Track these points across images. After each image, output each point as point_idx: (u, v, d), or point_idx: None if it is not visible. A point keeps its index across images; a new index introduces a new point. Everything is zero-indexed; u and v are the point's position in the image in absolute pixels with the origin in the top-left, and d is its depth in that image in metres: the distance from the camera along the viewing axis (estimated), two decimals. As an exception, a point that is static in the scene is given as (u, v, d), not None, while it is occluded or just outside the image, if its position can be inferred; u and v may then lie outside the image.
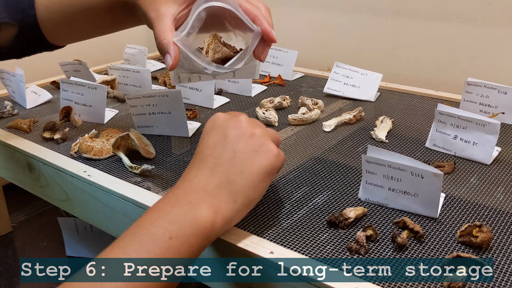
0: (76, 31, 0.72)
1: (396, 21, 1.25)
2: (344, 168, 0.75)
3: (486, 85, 0.91)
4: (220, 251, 0.57)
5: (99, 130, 0.88)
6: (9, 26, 0.67)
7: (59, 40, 0.73)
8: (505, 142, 0.83)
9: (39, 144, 0.85)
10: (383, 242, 0.57)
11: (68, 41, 0.75)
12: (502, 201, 0.65)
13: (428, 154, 0.79)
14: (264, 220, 0.61)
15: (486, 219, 0.61)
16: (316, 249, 0.55)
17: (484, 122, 0.74)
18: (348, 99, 1.07)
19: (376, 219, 0.61)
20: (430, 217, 0.61)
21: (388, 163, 0.60)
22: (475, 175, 0.72)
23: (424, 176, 0.58)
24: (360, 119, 0.94)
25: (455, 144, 0.78)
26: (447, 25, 1.17)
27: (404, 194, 0.61)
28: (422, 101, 1.05)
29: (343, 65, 1.09)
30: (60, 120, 0.93)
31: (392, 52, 1.28)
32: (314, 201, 0.65)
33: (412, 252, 0.55)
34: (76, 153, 0.80)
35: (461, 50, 1.17)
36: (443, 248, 0.55)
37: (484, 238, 0.54)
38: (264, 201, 0.65)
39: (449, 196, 0.66)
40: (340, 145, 0.83)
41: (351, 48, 1.36)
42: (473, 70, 1.16)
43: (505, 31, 1.10)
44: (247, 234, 0.57)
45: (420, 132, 0.88)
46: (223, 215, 0.50)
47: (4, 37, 0.68)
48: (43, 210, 1.37)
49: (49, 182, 0.81)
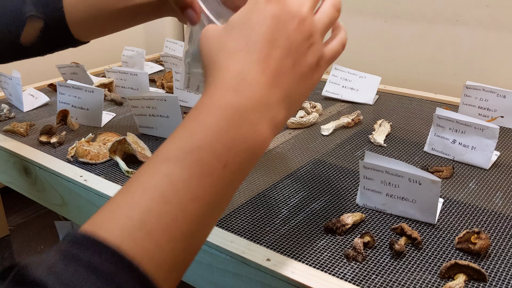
0: (103, 26, 0.70)
1: (395, 23, 1.24)
2: (342, 172, 0.74)
3: (485, 88, 0.91)
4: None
5: (96, 133, 0.88)
6: (35, 20, 0.66)
7: (85, 35, 0.71)
8: (504, 146, 0.83)
9: (36, 148, 0.84)
10: (381, 248, 0.56)
11: (93, 35, 0.73)
12: (501, 206, 0.65)
13: (426, 159, 0.79)
14: (261, 226, 0.60)
15: (484, 224, 0.61)
16: (313, 256, 0.54)
17: (483, 127, 0.74)
18: (346, 102, 1.06)
19: (374, 225, 0.61)
20: (428, 223, 0.61)
21: (386, 169, 0.60)
22: (474, 179, 0.72)
23: (422, 183, 0.58)
24: (359, 123, 0.94)
25: (454, 148, 0.77)
26: (446, 27, 1.16)
27: (402, 200, 0.61)
28: (421, 104, 1.05)
29: (341, 68, 1.09)
30: (57, 124, 0.93)
31: (391, 54, 1.28)
32: (311, 207, 0.65)
33: (410, 259, 0.54)
34: (72, 157, 0.80)
35: (460, 53, 1.16)
36: (441, 255, 0.55)
37: (483, 245, 0.53)
38: (261, 206, 0.65)
39: (447, 201, 0.66)
40: (338, 149, 0.83)
41: (349, 50, 1.35)
42: (472, 73, 1.16)
43: (505, 34, 1.09)
44: (244, 241, 0.57)
45: (419, 135, 0.88)
46: (276, 129, 0.43)
47: (29, 32, 0.67)
48: (41, 213, 1.37)
49: (46, 186, 0.80)
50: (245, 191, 0.69)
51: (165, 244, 0.34)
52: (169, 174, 0.36)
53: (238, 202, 0.66)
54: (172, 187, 0.35)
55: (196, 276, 0.60)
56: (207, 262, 0.58)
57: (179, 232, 0.35)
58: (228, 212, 0.63)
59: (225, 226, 0.60)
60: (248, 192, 0.68)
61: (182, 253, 0.35)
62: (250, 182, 0.71)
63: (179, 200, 0.35)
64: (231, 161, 0.38)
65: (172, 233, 0.34)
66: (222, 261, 0.56)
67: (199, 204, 0.36)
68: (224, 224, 0.61)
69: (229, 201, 0.40)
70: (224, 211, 0.39)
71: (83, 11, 0.67)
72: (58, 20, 0.67)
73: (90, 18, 0.68)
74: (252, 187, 0.70)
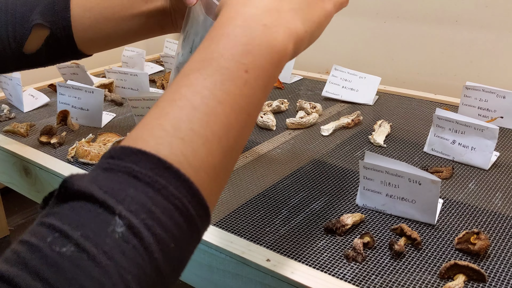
0: (107, 37, 0.70)
1: (395, 24, 1.24)
2: (342, 173, 0.74)
3: (485, 89, 0.91)
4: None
5: (96, 134, 0.88)
6: (41, 29, 0.66)
7: (88, 46, 0.71)
8: (503, 147, 0.83)
9: (36, 149, 0.84)
10: (381, 249, 0.56)
11: (97, 47, 0.73)
12: (501, 207, 0.65)
13: (426, 159, 0.79)
14: (261, 226, 0.60)
15: (484, 225, 0.61)
16: (313, 256, 0.55)
17: (483, 127, 0.74)
18: (346, 102, 1.06)
19: (374, 225, 0.61)
20: (428, 223, 0.61)
21: (386, 169, 0.60)
22: (474, 180, 0.72)
23: (421, 183, 0.58)
24: (358, 123, 0.94)
25: (454, 149, 0.77)
26: (445, 28, 1.16)
27: (402, 200, 0.61)
28: (421, 105, 1.05)
29: (341, 68, 1.09)
30: (57, 124, 0.93)
31: (390, 55, 1.28)
32: (311, 207, 0.65)
33: (409, 260, 0.54)
34: (73, 157, 0.80)
35: (459, 53, 1.17)
36: (441, 255, 0.55)
37: (482, 245, 0.53)
38: (261, 207, 0.65)
39: (447, 201, 0.66)
40: (338, 149, 0.83)
41: (349, 51, 1.35)
42: (472, 73, 1.16)
43: (504, 34, 1.09)
44: (243, 241, 0.57)
45: (419, 136, 0.88)
46: (295, 40, 0.43)
47: (33, 40, 0.67)
48: (41, 213, 1.37)
49: (46, 187, 0.80)
50: (245, 192, 0.69)
51: (200, 148, 0.35)
52: (194, 84, 0.37)
53: (238, 202, 0.66)
54: (198, 95, 0.36)
55: (196, 277, 0.60)
56: (207, 263, 0.58)
57: (211, 134, 0.36)
58: (228, 212, 0.63)
59: (225, 226, 0.60)
60: (248, 193, 0.69)
61: (218, 157, 0.36)
62: (250, 182, 0.71)
63: (207, 106, 0.36)
64: (251, 65, 0.39)
65: (205, 136, 0.35)
66: (222, 262, 0.56)
67: (227, 108, 0.37)
68: (224, 225, 0.61)
69: (258, 107, 0.40)
70: (256, 119, 0.41)
71: (89, 19, 0.68)
72: (64, 29, 0.67)
73: (96, 28, 0.68)
74: (252, 188, 0.70)
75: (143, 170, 0.32)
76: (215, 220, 0.61)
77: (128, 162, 0.32)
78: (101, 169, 0.32)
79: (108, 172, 0.32)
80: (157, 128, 0.35)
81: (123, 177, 0.31)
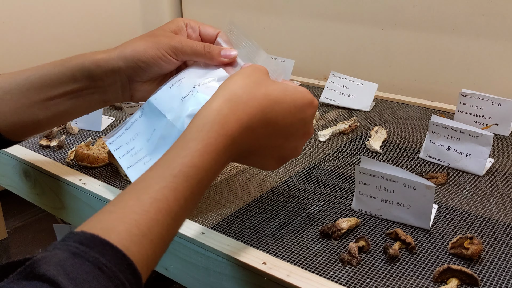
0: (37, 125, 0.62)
1: (392, 31, 1.26)
2: (338, 178, 0.75)
3: (480, 96, 0.92)
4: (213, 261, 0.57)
5: (95, 137, 0.89)
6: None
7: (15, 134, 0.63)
8: (498, 154, 0.84)
9: (35, 152, 0.85)
10: (375, 253, 0.57)
11: (27, 134, 0.64)
12: (495, 213, 0.65)
13: (421, 165, 0.80)
14: (258, 230, 0.61)
15: (478, 231, 0.61)
16: (308, 259, 0.55)
17: (478, 134, 0.75)
18: (343, 108, 1.07)
19: (369, 229, 0.62)
20: (422, 228, 0.62)
21: (381, 174, 0.61)
22: (468, 186, 0.73)
23: (416, 188, 0.59)
24: (355, 129, 0.95)
25: (449, 155, 0.78)
26: (442, 36, 1.18)
27: (397, 205, 0.62)
28: (417, 111, 1.06)
29: (339, 75, 1.10)
30: (56, 128, 0.94)
31: (388, 62, 1.29)
32: (308, 211, 0.66)
33: (403, 264, 0.55)
34: (72, 161, 0.81)
35: (456, 61, 1.18)
36: (435, 259, 0.56)
37: (475, 250, 0.54)
38: (258, 211, 0.66)
39: (442, 207, 0.67)
40: (335, 155, 0.84)
41: (347, 57, 1.37)
42: (468, 81, 1.17)
43: (500, 42, 1.10)
44: (240, 244, 0.58)
45: (415, 142, 0.89)
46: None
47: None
48: (39, 217, 1.37)
49: (45, 190, 0.81)
50: (242, 196, 0.70)
51: (158, 250, 0.40)
52: (175, 189, 0.43)
53: (235, 206, 0.67)
54: (176, 202, 0.42)
55: (193, 279, 0.61)
56: (204, 265, 0.58)
57: (169, 239, 0.42)
58: (225, 216, 0.64)
59: (222, 230, 0.61)
60: (245, 197, 0.69)
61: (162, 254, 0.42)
62: (247, 186, 0.72)
63: (179, 213, 0.42)
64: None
65: (165, 240, 0.41)
66: (218, 264, 0.57)
67: (187, 213, 0.44)
68: (221, 228, 0.61)
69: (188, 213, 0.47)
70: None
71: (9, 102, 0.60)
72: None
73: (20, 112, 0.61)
74: (249, 192, 0.71)
75: (109, 262, 0.35)
76: (213, 224, 0.62)
77: (96, 252, 0.35)
78: (69, 253, 0.34)
79: (77, 259, 0.34)
80: (133, 224, 0.39)
81: (90, 268, 0.34)
